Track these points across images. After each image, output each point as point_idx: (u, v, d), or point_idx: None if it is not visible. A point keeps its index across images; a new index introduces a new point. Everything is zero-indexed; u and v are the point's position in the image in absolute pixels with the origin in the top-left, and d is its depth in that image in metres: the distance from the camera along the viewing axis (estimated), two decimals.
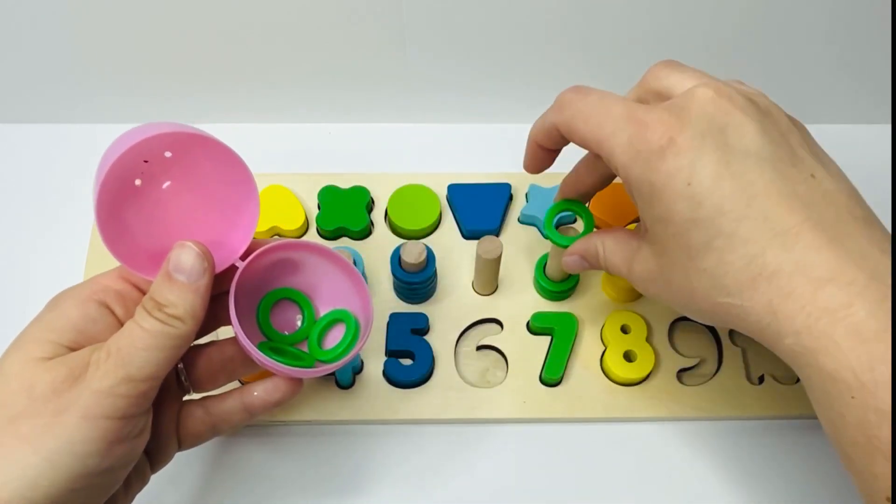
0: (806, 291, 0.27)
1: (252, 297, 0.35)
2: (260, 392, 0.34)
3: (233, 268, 0.33)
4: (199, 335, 0.33)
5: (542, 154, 0.38)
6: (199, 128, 0.31)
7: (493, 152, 0.53)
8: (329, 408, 0.44)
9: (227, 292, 0.32)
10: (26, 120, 0.55)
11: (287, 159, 0.52)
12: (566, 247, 0.40)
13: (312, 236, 0.49)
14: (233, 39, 0.50)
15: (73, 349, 0.30)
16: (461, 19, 0.48)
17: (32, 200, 0.52)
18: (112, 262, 0.47)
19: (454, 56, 0.51)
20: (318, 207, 0.49)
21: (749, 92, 0.32)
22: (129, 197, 0.31)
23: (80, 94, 0.53)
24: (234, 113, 0.54)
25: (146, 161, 0.31)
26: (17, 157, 0.54)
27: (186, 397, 0.35)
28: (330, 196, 0.49)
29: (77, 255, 0.48)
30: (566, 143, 0.36)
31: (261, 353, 0.32)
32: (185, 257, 0.31)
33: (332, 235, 0.49)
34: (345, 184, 0.50)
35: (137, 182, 0.32)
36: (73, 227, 0.50)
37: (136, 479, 0.33)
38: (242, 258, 0.33)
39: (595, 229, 0.40)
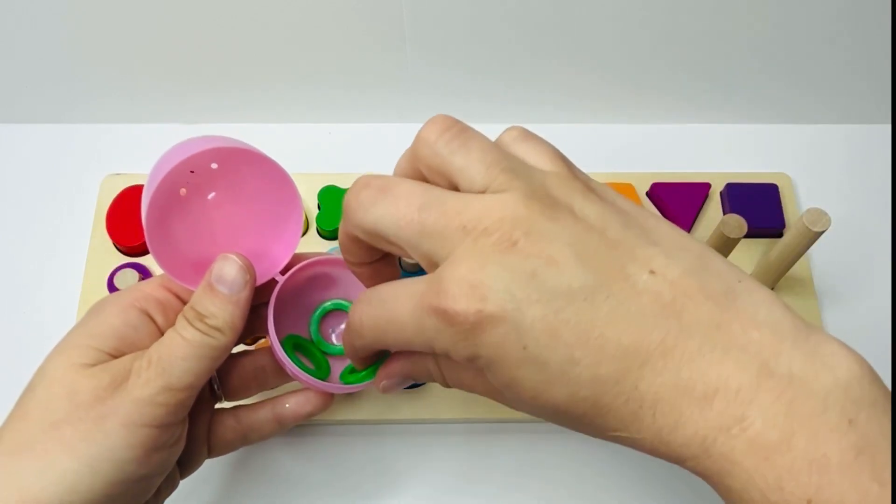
0: (693, 414, 0.23)
1: (289, 309, 0.36)
2: (291, 404, 0.35)
3: (272, 281, 0.34)
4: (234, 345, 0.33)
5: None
6: (244, 141, 0.32)
7: None
8: (330, 408, 0.44)
9: (265, 304, 0.33)
10: (28, 120, 0.55)
11: (287, 159, 0.52)
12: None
13: (312, 236, 0.49)
14: (233, 40, 0.50)
15: (114, 356, 0.31)
16: (461, 20, 0.48)
17: (33, 200, 0.52)
18: (106, 264, 0.47)
19: (454, 56, 0.51)
20: (318, 207, 0.49)
21: (547, 182, 0.26)
22: (174, 207, 0.32)
23: (82, 94, 0.53)
24: (235, 113, 0.54)
25: (192, 172, 0.32)
26: (17, 157, 0.54)
27: (218, 405, 0.36)
28: (330, 196, 0.49)
29: (77, 255, 0.49)
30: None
31: (294, 366, 0.33)
32: (228, 269, 0.31)
33: (332, 235, 0.49)
34: (345, 184, 0.50)
35: (182, 191, 0.32)
36: (73, 226, 0.50)
37: (166, 486, 0.34)
38: (282, 272, 0.34)
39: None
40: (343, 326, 0.37)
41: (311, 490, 0.43)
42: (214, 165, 0.32)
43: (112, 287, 0.46)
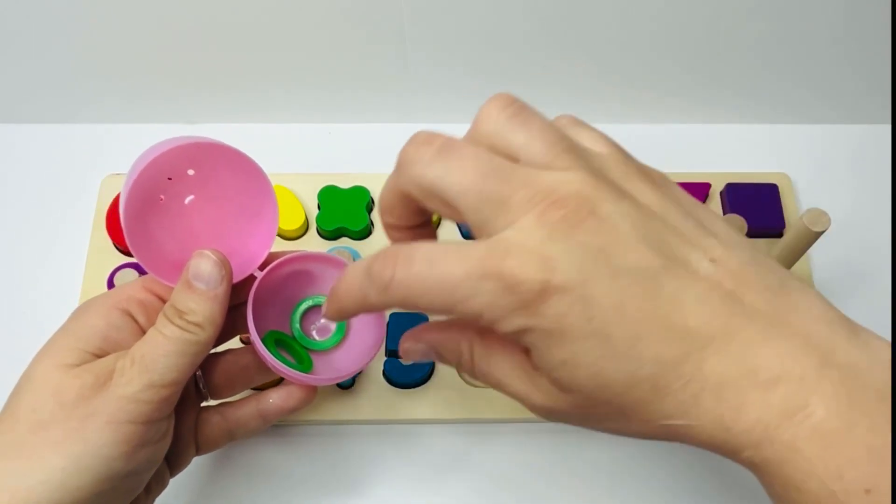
0: (757, 400, 0.23)
1: (269, 306, 0.36)
2: (275, 399, 0.35)
3: (251, 278, 0.34)
4: (217, 343, 0.34)
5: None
6: (217, 139, 0.32)
7: None
8: (329, 408, 0.44)
9: (245, 302, 0.33)
10: (28, 120, 0.55)
11: (287, 159, 0.52)
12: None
13: (312, 236, 0.49)
14: (234, 41, 0.50)
15: (98, 356, 0.31)
16: (461, 19, 0.48)
17: (33, 200, 0.52)
18: (106, 264, 0.47)
19: (454, 56, 0.51)
20: (318, 207, 0.49)
21: (606, 166, 0.27)
22: (154, 210, 0.32)
23: (82, 95, 0.53)
24: (235, 113, 0.54)
25: (170, 178, 0.32)
26: (17, 157, 0.54)
27: (204, 404, 0.36)
28: (330, 196, 0.49)
29: (77, 255, 0.49)
30: None
31: (276, 361, 0.33)
32: (204, 265, 0.31)
33: (332, 235, 0.49)
34: (345, 184, 0.50)
35: (161, 197, 0.33)
36: (73, 226, 0.50)
37: (156, 484, 0.34)
38: (261, 268, 0.34)
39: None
40: (324, 321, 0.37)
41: (311, 490, 0.43)
42: (191, 172, 0.32)
43: (112, 287, 0.46)
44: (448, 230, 0.49)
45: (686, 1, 0.47)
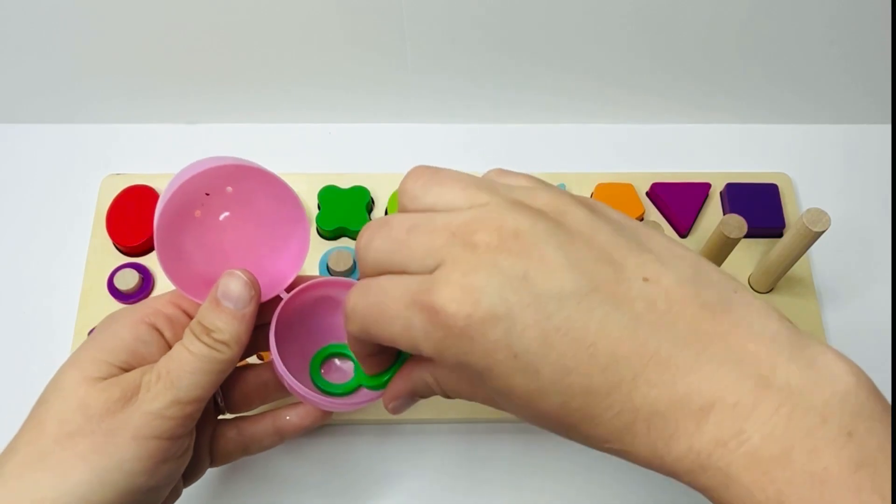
0: (689, 429, 0.23)
1: (292, 328, 0.36)
2: (292, 416, 0.35)
3: (277, 299, 0.34)
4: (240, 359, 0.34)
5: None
6: (255, 162, 0.33)
7: (493, 152, 0.53)
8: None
9: (269, 322, 0.33)
10: (28, 120, 0.55)
11: (287, 159, 0.52)
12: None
13: (312, 236, 0.49)
14: (234, 41, 0.50)
15: (124, 369, 0.31)
16: (461, 20, 0.48)
17: (33, 200, 0.52)
18: (106, 264, 0.47)
19: (454, 57, 0.51)
20: (318, 207, 0.49)
21: (529, 196, 0.26)
22: (187, 225, 0.33)
23: (82, 94, 0.53)
24: (235, 113, 0.54)
25: (208, 194, 0.33)
26: (17, 157, 0.54)
27: (220, 417, 0.36)
28: (330, 196, 0.49)
29: (77, 255, 0.49)
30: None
31: (293, 381, 0.33)
32: (234, 285, 0.32)
33: (332, 235, 0.49)
34: (345, 184, 0.50)
35: (197, 213, 0.33)
36: (73, 226, 0.50)
37: (170, 495, 0.34)
38: (288, 290, 0.34)
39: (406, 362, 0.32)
40: (338, 362, 0.37)
41: (311, 490, 0.43)
42: (230, 189, 0.33)
43: (112, 287, 0.46)
44: None
45: (686, 2, 0.47)
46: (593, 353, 0.23)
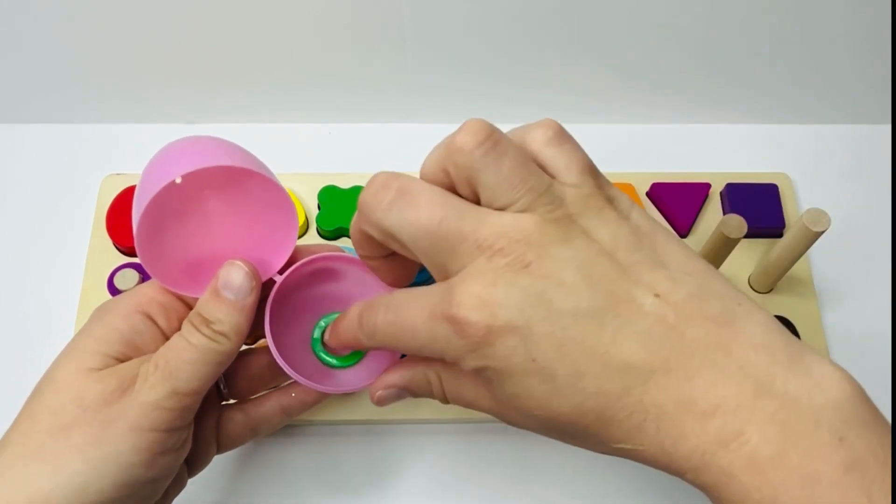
0: (695, 429, 0.25)
1: (291, 304, 0.36)
2: (298, 393, 0.36)
3: (270, 281, 0.33)
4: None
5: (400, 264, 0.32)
6: (233, 149, 0.32)
7: None
8: (329, 408, 0.44)
9: (264, 304, 0.33)
10: (28, 120, 0.55)
11: (287, 159, 0.52)
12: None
13: (312, 236, 0.49)
14: (234, 41, 0.50)
15: (120, 360, 0.31)
16: (461, 19, 0.48)
17: (33, 200, 0.52)
18: (106, 264, 0.47)
19: (454, 56, 0.51)
20: (318, 207, 0.49)
21: (565, 204, 0.27)
22: (168, 217, 0.32)
23: (82, 94, 0.53)
24: (235, 113, 0.54)
25: (187, 197, 0.31)
26: (17, 156, 0.54)
27: (224, 402, 0.36)
28: (330, 196, 0.49)
29: (77, 255, 0.49)
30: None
31: (290, 368, 0.33)
32: (235, 275, 0.31)
33: (332, 235, 0.49)
34: (345, 184, 0.50)
35: (177, 205, 0.32)
36: (73, 226, 0.50)
37: (174, 486, 0.34)
38: (280, 272, 0.34)
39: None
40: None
41: (310, 489, 0.43)
42: (207, 191, 0.32)
43: (112, 287, 0.46)
44: None
45: (686, 1, 0.47)
46: (606, 360, 0.25)
